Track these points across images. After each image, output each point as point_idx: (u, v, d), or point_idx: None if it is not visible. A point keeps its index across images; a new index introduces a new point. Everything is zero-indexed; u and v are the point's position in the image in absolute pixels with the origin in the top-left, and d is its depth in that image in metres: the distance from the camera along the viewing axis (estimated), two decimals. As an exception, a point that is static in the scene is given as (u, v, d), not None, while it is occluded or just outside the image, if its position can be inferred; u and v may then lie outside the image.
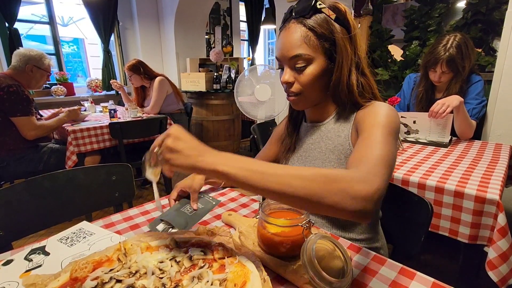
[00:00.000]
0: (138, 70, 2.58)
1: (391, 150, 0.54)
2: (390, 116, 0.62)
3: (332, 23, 0.65)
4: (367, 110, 0.67)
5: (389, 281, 0.52)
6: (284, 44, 0.67)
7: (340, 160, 0.72)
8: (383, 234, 0.82)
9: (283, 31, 0.68)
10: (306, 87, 0.68)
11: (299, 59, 0.65)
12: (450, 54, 1.39)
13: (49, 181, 0.89)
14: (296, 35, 0.65)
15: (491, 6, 2.03)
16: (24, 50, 1.83)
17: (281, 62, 0.70)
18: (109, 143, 2.06)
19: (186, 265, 0.50)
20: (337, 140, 0.73)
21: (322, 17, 0.65)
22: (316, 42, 0.65)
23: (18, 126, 1.75)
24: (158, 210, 0.77)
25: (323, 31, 0.64)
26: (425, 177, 1.00)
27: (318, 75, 0.67)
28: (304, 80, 0.67)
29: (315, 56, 0.65)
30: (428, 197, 0.96)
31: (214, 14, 4.82)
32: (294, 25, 0.66)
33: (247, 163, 0.46)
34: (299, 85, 0.69)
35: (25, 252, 0.60)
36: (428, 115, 1.38)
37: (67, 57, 4.13)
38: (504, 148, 1.34)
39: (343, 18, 0.66)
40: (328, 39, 0.65)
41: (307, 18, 0.65)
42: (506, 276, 0.83)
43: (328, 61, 0.67)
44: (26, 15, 3.24)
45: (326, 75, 0.68)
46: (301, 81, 0.68)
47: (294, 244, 0.55)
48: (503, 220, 0.83)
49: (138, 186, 2.76)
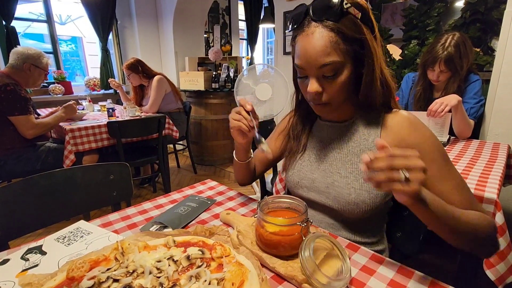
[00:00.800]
0: (137, 69, 2.57)
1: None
2: (439, 142, 0.65)
3: (359, 24, 0.59)
4: (417, 135, 0.64)
5: (387, 280, 0.52)
6: (309, 52, 0.60)
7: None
8: (385, 236, 0.83)
9: (304, 36, 0.61)
10: (336, 96, 0.64)
11: (329, 67, 0.60)
12: (449, 53, 1.39)
13: (47, 180, 0.89)
14: (324, 42, 0.58)
15: (489, 6, 2.03)
16: (22, 49, 1.82)
17: (305, 71, 0.63)
18: (107, 142, 2.05)
19: (184, 264, 0.50)
20: (364, 144, 0.70)
21: (349, 18, 0.59)
22: (345, 47, 0.59)
23: (17, 125, 1.74)
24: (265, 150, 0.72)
25: (353, 34, 0.59)
26: (424, 176, 1.00)
27: (348, 82, 0.63)
28: (334, 89, 0.63)
29: (345, 62, 0.61)
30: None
31: (213, 13, 4.81)
32: (318, 29, 0.59)
33: (442, 203, 0.52)
34: (328, 95, 0.64)
35: (22, 252, 0.60)
36: (426, 114, 1.38)
37: (65, 55, 4.11)
38: (502, 147, 1.34)
39: (367, 16, 0.61)
40: (357, 42, 0.60)
41: (332, 21, 0.58)
42: (503, 275, 0.83)
43: (357, 64, 0.62)
44: (24, 13, 3.22)
45: (354, 79, 0.64)
46: (331, 90, 0.63)
47: (292, 243, 0.55)
48: (501, 219, 0.84)
49: (136, 186, 2.75)
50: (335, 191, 0.71)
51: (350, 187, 0.69)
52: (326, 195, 0.73)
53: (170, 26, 3.60)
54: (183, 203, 0.82)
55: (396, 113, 0.70)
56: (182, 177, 3.03)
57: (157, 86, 2.56)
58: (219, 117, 3.25)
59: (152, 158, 2.28)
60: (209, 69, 3.56)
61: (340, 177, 0.71)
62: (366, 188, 0.67)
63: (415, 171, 0.43)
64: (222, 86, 3.25)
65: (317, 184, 0.75)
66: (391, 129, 0.68)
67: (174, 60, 3.72)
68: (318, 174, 0.75)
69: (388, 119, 0.69)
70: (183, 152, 3.77)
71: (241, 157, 0.84)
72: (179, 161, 3.39)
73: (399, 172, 0.43)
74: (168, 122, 2.40)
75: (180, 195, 0.89)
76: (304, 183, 0.78)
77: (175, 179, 2.98)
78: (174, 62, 3.73)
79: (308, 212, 0.57)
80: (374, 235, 0.76)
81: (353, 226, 0.74)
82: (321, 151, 0.77)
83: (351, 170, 0.70)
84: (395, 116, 0.69)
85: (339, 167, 0.72)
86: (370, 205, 0.67)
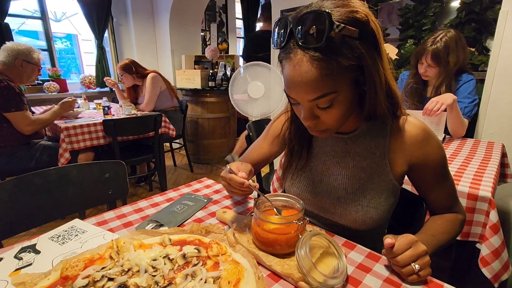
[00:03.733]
0: (130, 70, 2.55)
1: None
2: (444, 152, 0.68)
3: (356, 46, 0.49)
4: (427, 150, 0.64)
5: (383, 277, 0.52)
6: (297, 85, 0.52)
7: (371, 179, 0.66)
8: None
9: (290, 66, 0.52)
10: (334, 124, 0.58)
11: (322, 100, 0.53)
12: (437, 47, 1.41)
13: (41, 178, 0.88)
14: (313, 75, 0.49)
15: (484, 6, 2.05)
16: (12, 45, 1.79)
17: (296, 100, 0.56)
18: (103, 140, 2.04)
19: (180, 263, 0.50)
20: (371, 158, 0.66)
21: (344, 42, 0.48)
22: (340, 75, 0.51)
23: (14, 121, 1.72)
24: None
25: (350, 62, 0.49)
26: (419, 174, 1.00)
27: (347, 107, 0.56)
28: (331, 118, 0.56)
29: (340, 90, 0.52)
30: (422, 195, 0.97)
31: (210, 11, 4.78)
32: (305, 58, 0.49)
33: (434, 238, 0.63)
34: (326, 123, 0.58)
35: (15, 251, 0.59)
36: (422, 113, 1.39)
37: (60, 53, 4.07)
38: (496, 146, 1.35)
39: (367, 29, 0.50)
40: (355, 67, 0.51)
41: (321, 51, 0.48)
42: (498, 272, 0.84)
43: (356, 86, 0.55)
44: (18, 10, 3.17)
45: (355, 100, 0.57)
46: (328, 119, 0.57)
47: (289, 241, 0.55)
48: (495, 217, 0.84)
49: (132, 184, 2.74)
50: (341, 207, 0.68)
51: (357, 204, 0.66)
52: (332, 211, 0.70)
53: (167, 24, 3.57)
54: (179, 201, 0.82)
55: (406, 121, 0.65)
56: (178, 176, 3.02)
57: (152, 83, 2.54)
58: (216, 115, 3.24)
59: (148, 156, 2.27)
60: (206, 67, 3.55)
61: (346, 193, 0.68)
62: (374, 205, 0.65)
63: (425, 268, 0.51)
64: (219, 85, 3.24)
65: (321, 199, 0.71)
66: (402, 140, 0.65)
67: (170, 58, 3.70)
68: (321, 189, 0.72)
69: (398, 128, 0.65)
70: (179, 151, 3.75)
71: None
72: (176, 159, 3.38)
73: (412, 266, 0.51)
74: (165, 120, 2.39)
75: (176, 194, 0.89)
76: (306, 196, 0.74)
77: (172, 177, 2.96)
78: (171, 60, 3.71)
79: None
80: (374, 241, 0.72)
81: (355, 236, 0.68)
82: (324, 165, 0.72)
83: (357, 186, 0.67)
84: (406, 125, 0.65)
85: (344, 182, 0.68)
86: (377, 220, 0.66)
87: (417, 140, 0.64)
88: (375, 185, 0.66)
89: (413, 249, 0.51)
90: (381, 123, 0.66)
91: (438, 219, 0.70)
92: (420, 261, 0.51)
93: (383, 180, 0.66)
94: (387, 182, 0.66)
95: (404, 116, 0.65)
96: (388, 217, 0.70)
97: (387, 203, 0.66)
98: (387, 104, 0.60)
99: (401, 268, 0.51)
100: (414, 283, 0.51)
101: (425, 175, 0.68)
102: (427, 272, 0.51)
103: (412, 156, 0.65)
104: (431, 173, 0.67)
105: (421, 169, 0.67)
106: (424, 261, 0.51)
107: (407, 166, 0.67)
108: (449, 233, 0.67)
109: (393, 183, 0.66)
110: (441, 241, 0.64)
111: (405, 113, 0.66)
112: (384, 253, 0.54)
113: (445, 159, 0.67)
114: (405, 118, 0.65)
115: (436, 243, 0.63)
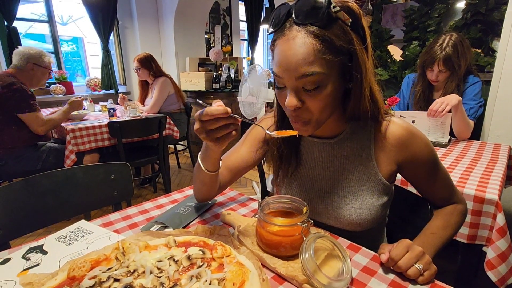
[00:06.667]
0: (148, 64, 2.57)
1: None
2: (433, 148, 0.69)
3: (348, 32, 0.52)
4: (413, 149, 0.65)
5: (388, 281, 0.52)
6: (289, 59, 0.52)
7: (361, 181, 0.67)
8: (386, 238, 0.82)
9: (284, 41, 0.53)
10: (318, 113, 0.56)
11: (310, 79, 0.52)
12: (447, 53, 1.40)
13: (48, 180, 0.89)
14: (306, 49, 0.50)
15: (490, 7, 2.03)
16: (24, 49, 1.83)
17: (283, 80, 0.55)
18: (108, 142, 2.06)
19: (185, 264, 0.50)
20: (358, 160, 0.67)
21: (338, 24, 0.51)
22: (331, 58, 0.51)
23: (28, 122, 1.75)
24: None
25: (341, 43, 0.51)
26: (424, 177, 0.99)
27: (332, 97, 0.55)
28: (316, 105, 0.55)
29: (329, 75, 0.53)
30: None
31: (214, 14, 4.81)
32: (300, 34, 0.51)
33: (435, 236, 0.65)
34: (309, 112, 0.56)
35: (23, 251, 0.60)
36: (427, 114, 1.38)
37: (66, 56, 4.12)
38: (503, 148, 1.34)
39: (359, 23, 0.54)
40: (345, 52, 0.52)
41: (317, 26, 0.50)
42: (505, 276, 0.83)
43: (343, 78, 0.56)
44: (25, 14, 3.23)
45: (340, 94, 0.58)
46: (312, 106, 0.55)
47: (293, 243, 0.55)
48: (502, 220, 0.83)
49: (137, 185, 2.76)
50: (335, 212, 0.68)
51: (350, 207, 0.67)
52: (327, 216, 0.71)
53: (171, 26, 3.60)
54: (183, 203, 0.82)
55: (390, 122, 0.66)
56: (182, 177, 3.03)
57: (160, 88, 2.56)
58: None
59: (153, 158, 2.29)
60: (210, 69, 3.57)
61: (338, 197, 0.68)
62: (367, 206, 0.66)
63: (429, 267, 0.52)
64: (223, 87, 3.25)
65: (314, 205, 0.72)
66: (387, 141, 0.65)
67: (175, 60, 3.73)
68: (314, 195, 0.72)
69: (381, 130, 0.65)
70: (183, 153, 3.77)
71: (212, 166, 0.66)
72: (180, 161, 3.39)
73: (415, 267, 0.51)
74: (169, 122, 2.40)
75: (180, 195, 0.89)
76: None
77: (176, 179, 2.98)
78: (175, 63, 3.74)
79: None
80: (374, 242, 0.73)
81: (355, 236, 0.69)
82: (314, 170, 0.72)
83: (348, 189, 0.67)
84: (390, 126, 0.65)
85: (335, 186, 0.69)
86: (372, 221, 0.66)
87: (401, 140, 0.65)
88: (365, 186, 0.67)
89: (410, 252, 0.52)
90: (364, 125, 0.66)
91: (436, 215, 0.72)
92: (421, 261, 0.51)
93: (373, 181, 0.67)
94: (376, 182, 0.67)
95: (389, 118, 0.67)
96: (385, 214, 0.71)
97: (380, 202, 0.67)
98: (371, 104, 0.60)
99: (406, 272, 0.51)
100: (423, 284, 0.50)
101: (416, 172, 0.69)
102: (433, 270, 0.51)
103: (399, 156, 0.66)
104: (422, 170, 0.69)
105: (410, 167, 0.68)
106: (425, 260, 0.52)
107: (395, 166, 0.68)
108: (451, 226, 0.69)
109: (383, 182, 0.67)
110: (443, 237, 0.65)
111: (388, 116, 0.67)
112: (385, 263, 0.54)
113: (434, 154, 0.68)
114: (389, 119, 0.66)
115: (438, 240, 0.64)
